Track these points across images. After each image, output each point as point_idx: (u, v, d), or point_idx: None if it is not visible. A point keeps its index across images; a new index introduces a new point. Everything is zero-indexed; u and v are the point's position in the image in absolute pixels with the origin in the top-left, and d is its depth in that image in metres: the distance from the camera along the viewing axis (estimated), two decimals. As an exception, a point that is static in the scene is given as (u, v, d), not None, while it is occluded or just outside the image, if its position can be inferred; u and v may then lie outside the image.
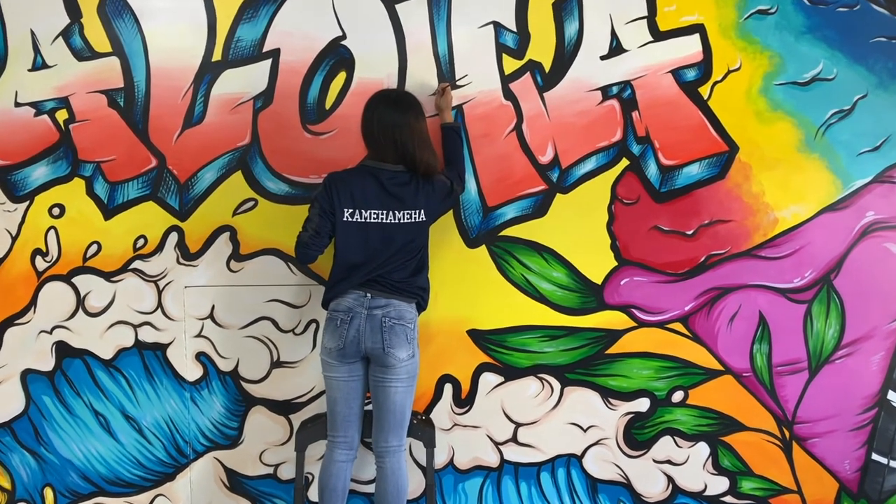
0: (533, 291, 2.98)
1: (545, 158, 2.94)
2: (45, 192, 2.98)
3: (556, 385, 3.01)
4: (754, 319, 2.97)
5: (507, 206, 2.96)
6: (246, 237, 3.01)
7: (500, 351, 3.01)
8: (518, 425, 3.03)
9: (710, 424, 3.02)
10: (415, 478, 3.02)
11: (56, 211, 3.01)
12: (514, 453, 3.05)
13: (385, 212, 2.61)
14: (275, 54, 2.94)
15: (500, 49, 2.92)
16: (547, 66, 2.91)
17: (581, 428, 3.03)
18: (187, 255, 3.02)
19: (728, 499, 3.04)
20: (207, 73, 2.94)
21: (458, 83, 2.89)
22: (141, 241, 3.02)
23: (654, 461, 3.03)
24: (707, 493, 3.04)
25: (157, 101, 2.96)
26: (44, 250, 3.02)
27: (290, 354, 3.04)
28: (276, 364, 3.05)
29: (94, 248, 3.02)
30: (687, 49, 2.90)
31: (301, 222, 2.89)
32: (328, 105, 2.94)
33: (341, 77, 2.94)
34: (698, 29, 2.88)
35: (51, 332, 3.06)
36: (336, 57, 2.93)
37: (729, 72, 2.90)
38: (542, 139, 2.93)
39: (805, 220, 2.94)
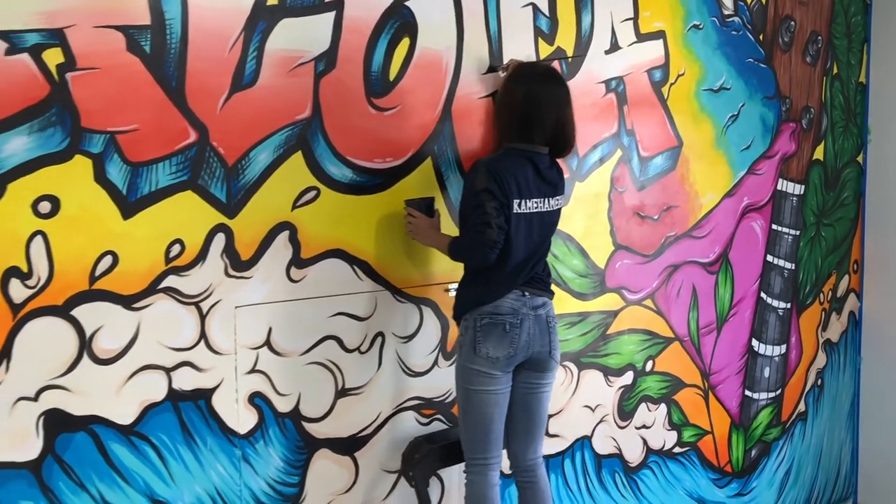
0: (559, 280, 2.95)
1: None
2: (26, 176, 1.85)
3: (575, 370, 3.03)
4: (689, 291, 3.47)
5: (544, 195, 2.88)
6: (307, 237, 2.31)
7: (538, 344, 2.91)
8: (549, 416, 2.98)
9: (667, 387, 3.40)
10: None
11: (45, 207, 1.87)
12: (546, 446, 2.97)
13: (543, 200, 2.30)
14: (338, 7, 2.34)
15: (537, 32, 2.83)
16: (570, 55, 2.93)
17: (591, 409, 3.11)
18: (238, 263, 2.18)
19: (676, 449, 3.49)
20: (262, 19, 2.18)
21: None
22: (176, 248, 2.08)
23: (635, 428, 3.30)
24: (665, 448, 3.44)
25: (196, 51, 2.07)
26: (24, 270, 1.86)
27: (355, 379, 2.41)
28: (341, 393, 2.40)
29: (107, 261, 1.96)
30: (656, 52, 3.22)
31: (370, 217, 2.43)
32: (392, 76, 2.47)
33: (404, 44, 2.49)
34: (662, 35, 3.25)
35: (36, 399, 1.89)
36: (400, 20, 2.46)
37: (678, 76, 3.31)
38: (567, 128, 2.93)
39: (715, 206, 3.53)
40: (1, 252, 1.82)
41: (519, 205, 2.25)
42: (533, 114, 2.28)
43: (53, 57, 1.86)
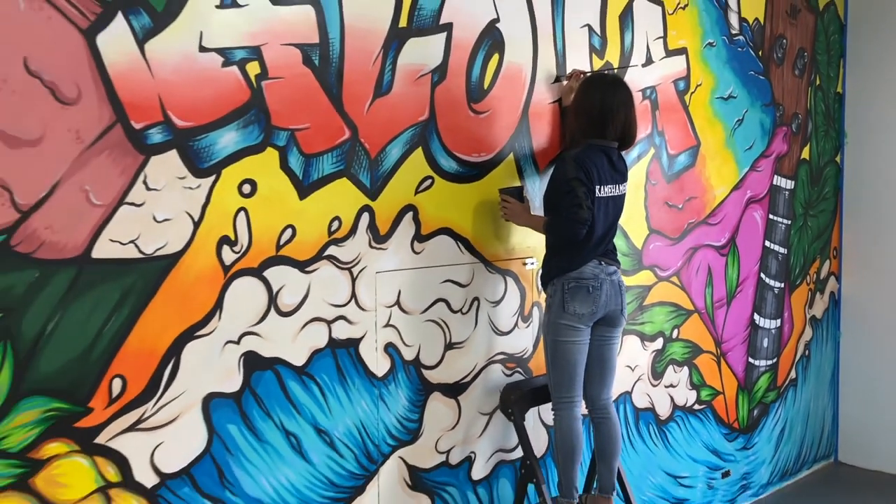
0: (609, 258, 3.52)
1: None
2: (233, 164, 2.34)
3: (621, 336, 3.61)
4: (706, 270, 4.07)
5: (596, 186, 3.44)
6: (425, 217, 2.82)
7: (592, 311, 3.47)
8: (600, 374, 3.53)
9: (689, 352, 3.99)
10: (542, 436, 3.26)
11: (247, 188, 2.37)
12: (598, 398, 3.53)
13: (615, 186, 2.88)
14: (449, 28, 2.87)
15: (591, 49, 3.40)
16: (626, 65, 3.50)
17: (631, 368, 3.68)
18: (377, 237, 2.69)
19: (695, 406, 4.08)
20: (395, 38, 2.71)
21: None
22: (335, 224, 2.59)
23: (664, 386, 3.88)
24: (687, 404, 4.03)
25: (350, 64, 2.59)
26: (232, 238, 2.35)
27: (458, 335, 2.93)
28: (449, 346, 2.92)
29: (288, 232, 2.47)
30: (680, 65, 3.82)
31: (469, 201, 2.95)
32: (486, 85, 3.00)
33: (495, 59, 3.02)
34: (684, 51, 3.85)
35: (238, 342, 2.38)
36: (492, 39, 2.99)
37: (697, 86, 3.92)
38: (614, 129, 3.50)
39: (725, 198, 4.14)
40: (217, 224, 2.30)
41: (599, 190, 2.81)
42: (607, 114, 2.83)
43: (253, 68, 2.35)
